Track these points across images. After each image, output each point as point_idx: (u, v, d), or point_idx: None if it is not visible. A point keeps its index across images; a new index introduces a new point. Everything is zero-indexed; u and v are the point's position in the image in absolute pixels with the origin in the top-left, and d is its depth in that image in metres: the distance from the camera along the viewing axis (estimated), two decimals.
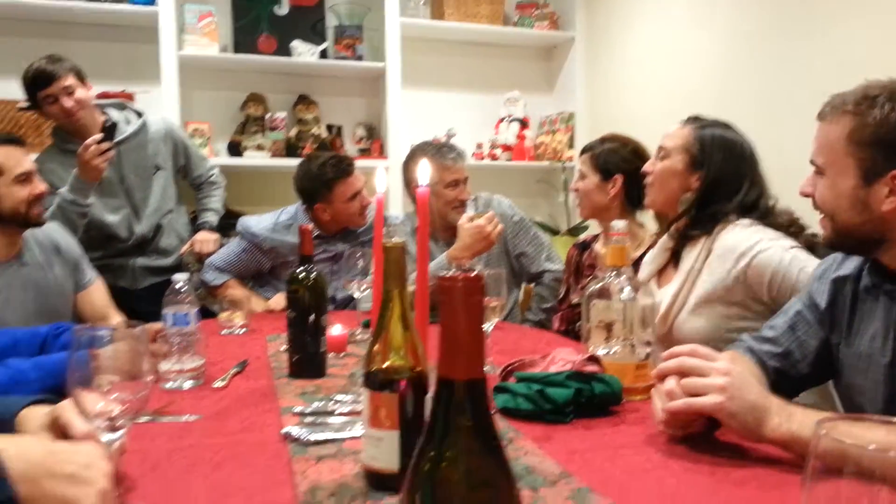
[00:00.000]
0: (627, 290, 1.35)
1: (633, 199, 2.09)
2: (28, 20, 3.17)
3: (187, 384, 1.40)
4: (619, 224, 1.41)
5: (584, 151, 2.21)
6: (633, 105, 3.41)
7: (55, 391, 1.27)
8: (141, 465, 0.95)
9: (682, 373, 1.01)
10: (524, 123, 3.95)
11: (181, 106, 3.12)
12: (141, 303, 2.45)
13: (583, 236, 2.47)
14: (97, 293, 2.18)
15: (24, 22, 3.17)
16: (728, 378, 0.95)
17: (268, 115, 3.42)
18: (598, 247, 2.19)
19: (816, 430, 0.50)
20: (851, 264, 1.20)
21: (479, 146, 3.86)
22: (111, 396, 0.77)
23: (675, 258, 1.72)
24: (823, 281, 1.23)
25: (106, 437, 0.78)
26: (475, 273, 0.44)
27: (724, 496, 0.87)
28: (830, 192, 1.10)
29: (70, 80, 2.37)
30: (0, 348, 1.51)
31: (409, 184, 2.50)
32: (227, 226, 2.97)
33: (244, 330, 1.99)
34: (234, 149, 3.34)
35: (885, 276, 1.11)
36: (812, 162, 1.15)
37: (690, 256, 1.64)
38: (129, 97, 3.09)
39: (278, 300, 2.34)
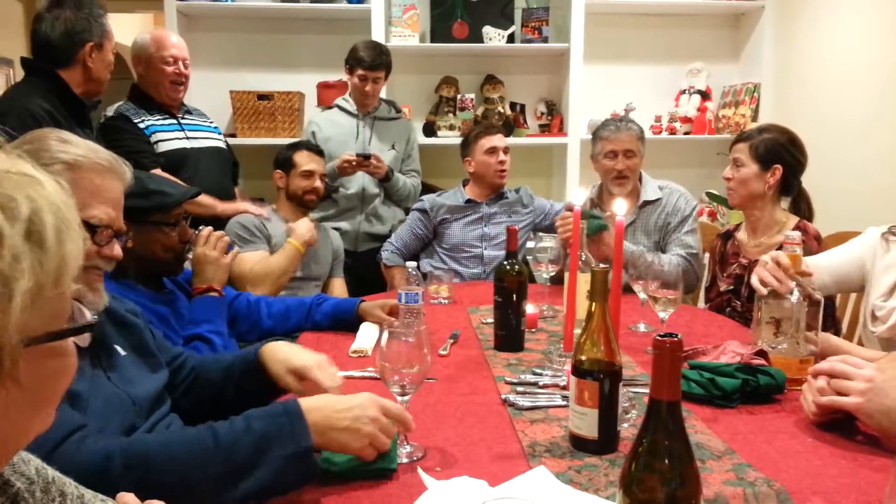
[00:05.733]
0: (797, 292, 1.53)
1: (786, 187, 2.19)
2: (258, 18, 3.71)
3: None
4: (793, 234, 1.59)
5: (739, 140, 2.24)
6: (823, 80, 3.35)
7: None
8: None
9: (833, 375, 1.21)
10: (706, 95, 3.97)
11: (387, 91, 3.54)
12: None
13: (726, 226, 2.56)
14: (339, 286, 2.87)
15: (255, 20, 3.72)
16: (869, 384, 1.14)
17: (458, 96, 3.77)
18: (741, 235, 2.30)
19: None
20: None
21: (658, 119, 3.95)
22: (404, 370, 1.13)
23: None
24: None
25: (400, 398, 1.15)
26: (679, 338, 0.72)
27: (862, 478, 1.08)
28: None
29: (381, 75, 3.10)
30: (277, 313, 1.99)
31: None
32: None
33: (448, 301, 2.37)
34: (429, 129, 3.73)
35: None
36: None
37: None
38: (345, 85, 3.55)
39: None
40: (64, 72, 2.22)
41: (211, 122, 3.02)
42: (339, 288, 2.87)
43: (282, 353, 1.33)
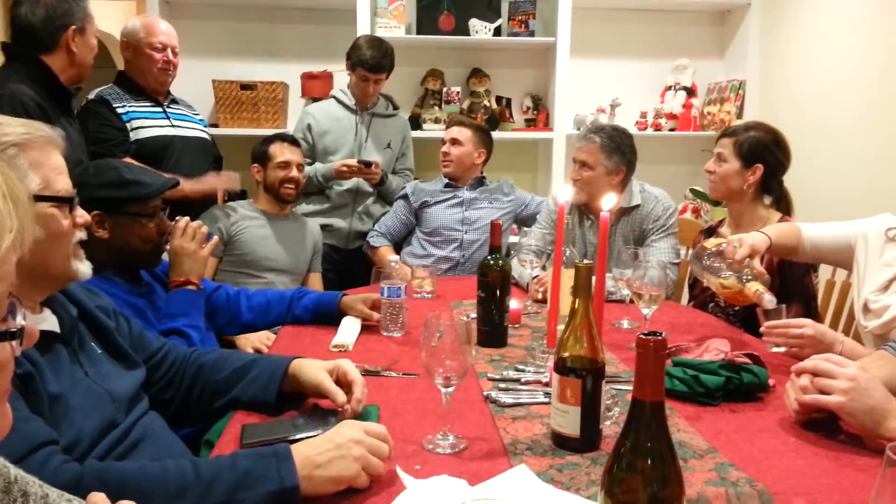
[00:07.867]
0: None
1: (767, 187, 2.20)
2: (242, 6, 3.66)
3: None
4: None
5: (725, 135, 2.25)
6: (808, 78, 3.36)
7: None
8: (386, 411, 1.31)
9: (816, 373, 1.20)
10: (691, 92, 3.97)
11: None
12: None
13: (709, 222, 2.56)
14: (316, 280, 2.86)
15: (238, 8, 3.67)
16: (852, 383, 1.14)
17: (444, 89, 3.74)
18: (725, 231, 2.30)
19: None
20: None
21: (643, 115, 3.94)
22: (447, 362, 1.15)
23: None
24: None
25: (443, 390, 1.18)
26: (663, 336, 0.70)
27: (845, 478, 1.07)
28: None
29: (384, 77, 3.08)
30: (257, 307, 1.96)
31: None
32: None
33: (431, 296, 2.34)
34: (415, 122, 3.69)
35: None
36: None
37: None
38: (329, 76, 3.51)
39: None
40: (47, 57, 2.16)
41: (197, 114, 2.97)
42: (316, 282, 2.85)
43: (314, 361, 1.34)
